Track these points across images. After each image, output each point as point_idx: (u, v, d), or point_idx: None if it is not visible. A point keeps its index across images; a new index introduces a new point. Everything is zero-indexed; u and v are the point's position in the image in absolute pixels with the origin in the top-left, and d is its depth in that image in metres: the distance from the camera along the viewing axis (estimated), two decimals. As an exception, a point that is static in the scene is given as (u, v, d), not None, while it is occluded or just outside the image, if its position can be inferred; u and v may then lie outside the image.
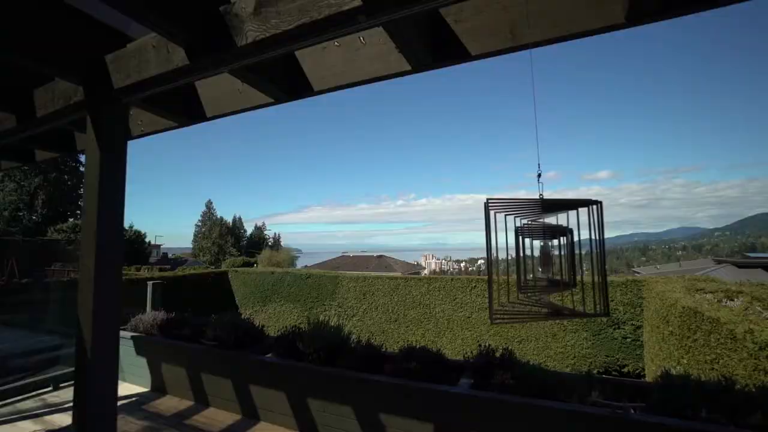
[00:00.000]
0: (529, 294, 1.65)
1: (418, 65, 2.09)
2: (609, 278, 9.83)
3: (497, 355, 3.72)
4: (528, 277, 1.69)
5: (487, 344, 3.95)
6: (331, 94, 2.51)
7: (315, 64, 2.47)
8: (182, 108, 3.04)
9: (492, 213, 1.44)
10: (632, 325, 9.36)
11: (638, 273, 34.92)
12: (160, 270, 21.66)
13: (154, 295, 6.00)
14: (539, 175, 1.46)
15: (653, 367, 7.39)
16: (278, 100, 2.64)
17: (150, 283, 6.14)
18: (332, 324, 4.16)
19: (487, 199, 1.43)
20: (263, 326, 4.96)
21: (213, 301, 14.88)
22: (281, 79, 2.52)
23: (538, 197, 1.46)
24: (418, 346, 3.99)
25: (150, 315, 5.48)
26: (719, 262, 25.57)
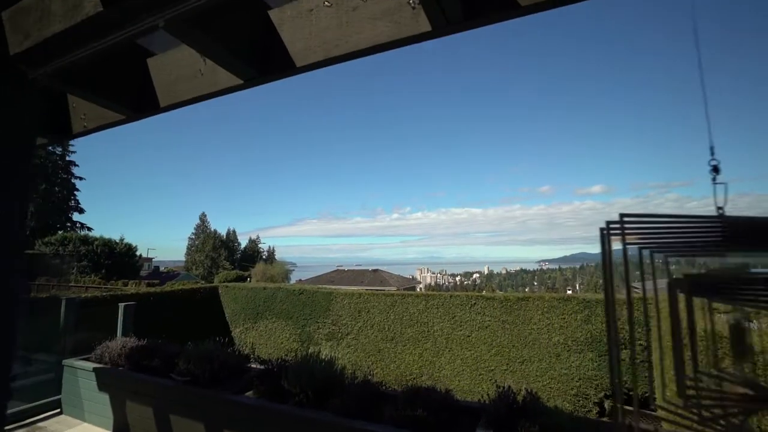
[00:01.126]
0: (702, 408, 0.92)
1: (443, 23, 1.49)
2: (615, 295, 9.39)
3: (519, 398, 3.09)
4: (697, 373, 0.97)
5: (506, 385, 3.33)
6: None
7: (298, 32, 1.84)
8: (130, 95, 2.41)
9: (608, 241, 0.80)
10: (640, 345, 8.75)
11: (636, 288, 34.54)
12: (148, 285, 20.85)
13: (125, 318, 5.24)
14: (715, 170, 0.81)
15: (669, 394, 6.78)
16: (250, 81, 2.02)
17: (121, 305, 5.31)
18: (324, 355, 3.52)
19: (621, 217, 0.76)
20: (253, 346, 4.32)
21: (202, 319, 14.17)
22: (252, 52, 1.91)
23: (707, 213, 0.81)
24: (424, 386, 3.36)
25: (118, 342, 4.73)
26: (719, 277, 25.19)
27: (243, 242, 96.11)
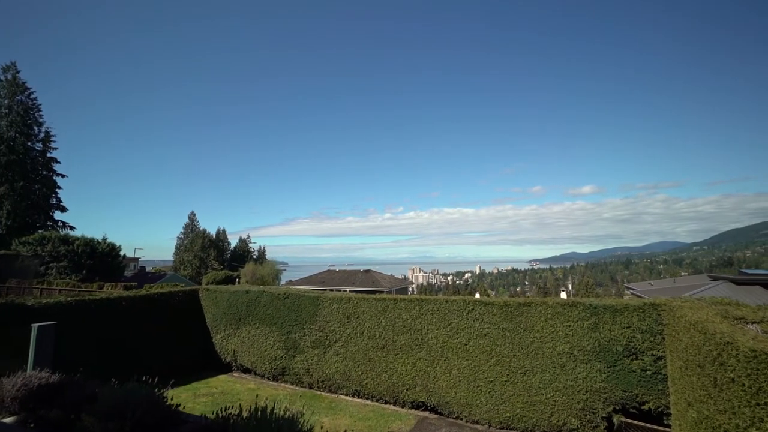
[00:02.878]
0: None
1: None
2: (624, 302, 8.56)
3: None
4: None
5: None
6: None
7: None
8: None
9: None
10: (652, 355, 7.98)
11: (632, 289, 33.89)
12: (125, 288, 19.76)
13: (39, 343, 3.71)
14: None
15: (693, 414, 5.96)
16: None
17: (35, 326, 3.79)
18: (282, 411, 2.58)
19: None
20: (235, 354, 3.38)
21: (180, 324, 13.28)
22: None
23: None
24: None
25: (17, 379, 3.38)
26: (715, 279, 24.72)
27: (233, 242, 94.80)
